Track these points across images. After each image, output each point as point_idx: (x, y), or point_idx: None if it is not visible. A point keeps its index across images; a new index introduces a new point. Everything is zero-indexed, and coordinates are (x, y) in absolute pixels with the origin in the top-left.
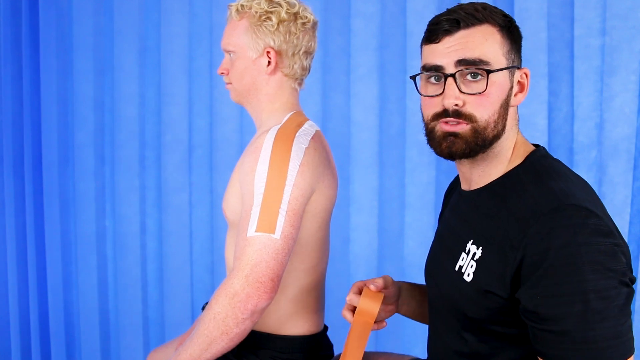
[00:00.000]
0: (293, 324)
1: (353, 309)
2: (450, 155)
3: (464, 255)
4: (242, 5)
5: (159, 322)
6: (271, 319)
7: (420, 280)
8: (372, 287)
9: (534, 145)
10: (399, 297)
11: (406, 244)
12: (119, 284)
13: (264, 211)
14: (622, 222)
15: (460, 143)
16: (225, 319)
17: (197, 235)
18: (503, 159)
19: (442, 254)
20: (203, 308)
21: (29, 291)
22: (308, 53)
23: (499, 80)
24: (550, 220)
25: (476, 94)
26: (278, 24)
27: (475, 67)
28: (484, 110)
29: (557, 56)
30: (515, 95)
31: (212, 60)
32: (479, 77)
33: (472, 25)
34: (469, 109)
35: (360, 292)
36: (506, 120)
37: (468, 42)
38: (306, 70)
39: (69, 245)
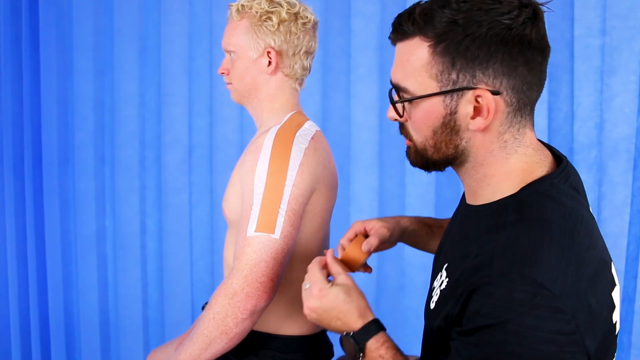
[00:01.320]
0: (293, 323)
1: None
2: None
3: (440, 275)
4: (242, 5)
5: (159, 322)
6: (271, 319)
7: (421, 283)
8: (364, 247)
9: (557, 155)
10: (400, 238)
11: (406, 245)
12: (119, 284)
13: (263, 211)
14: (622, 222)
15: (411, 156)
16: (224, 319)
17: (197, 235)
18: (491, 184)
19: (437, 256)
20: (203, 308)
21: (29, 291)
22: (308, 53)
23: (425, 107)
24: (493, 285)
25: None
26: (278, 24)
27: (396, 91)
28: (415, 134)
29: (557, 56)
30: (472, 118)
31: (212, 60)
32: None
33: (403, 38)
34: (407, 127)
35: (355, 236)
36: (464, 145)
37: (398, 60)
38: (307, 70)
39: (69, 245)
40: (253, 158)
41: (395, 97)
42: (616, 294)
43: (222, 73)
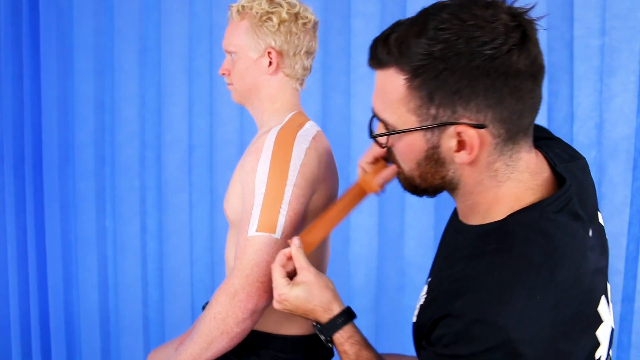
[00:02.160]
0: (293, 323)
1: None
2: None
3: (423, 289)
4: (243, 6)
5: (159, 322)
6: (271, 318)
7: (421, 283)
8: (378, 180)
9: (561, 176)
10: None
11: (406, 244)
12: (119, 284)
13: (264, 211)
14: (621, 222)
15: (401, 182)
16: (225, 319)
17: (197, 235)
18: (481, 211)
19: (434, 263)
20: (203, 308)
21: (29, 291)
22: (309, 53)
23: (406, 140)
24: (457, 319)
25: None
26: (279, 25)
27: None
28: (401, 163)
29: (557, 56)
30: (456, 152)
31: (212, 60)
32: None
33: (379, 67)
34: (394, 155)
35: (375, 161)
36: (451, 175)
37: (376, 89)
38: (307, 70)
39: (69, 245)
40: (254, 158)
41: (378, 126)
42: (602, 332)
43: (223, 74)
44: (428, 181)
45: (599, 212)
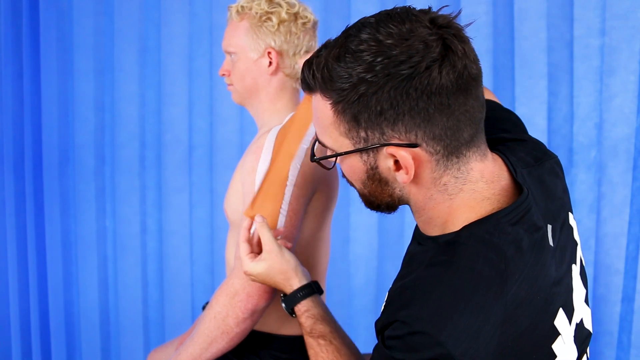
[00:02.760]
0: (294, 324)
1: None
2: None
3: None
4: (242, 7)
5: (159, 322)
6: (272, 318)
7: None
8: None
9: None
10: None
11: (406, 244)
12: (119, 284)
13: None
14: (621, 222)
15: (361, 199)
16: (225, 319)
17: (197, 235)
18: (437, 224)
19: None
20: (203, 308)
21: (29, 291)
22: (309, 53)
23: (346, 162)
24: (403, 326)
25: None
26: (278, 25)
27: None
28: (352, 182)
29: (556, 56)
30: (396, 171)
31: (212, 60)
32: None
33: (309, 91)
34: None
35: None
36: (398, 193)
37: (313, 113)
38: None
39: (69, 245)
40: (254, 158)
41: (320, 149)
42: (559, 345)
43: (223, 74)
44: (379, 199)
45: (570, 213)
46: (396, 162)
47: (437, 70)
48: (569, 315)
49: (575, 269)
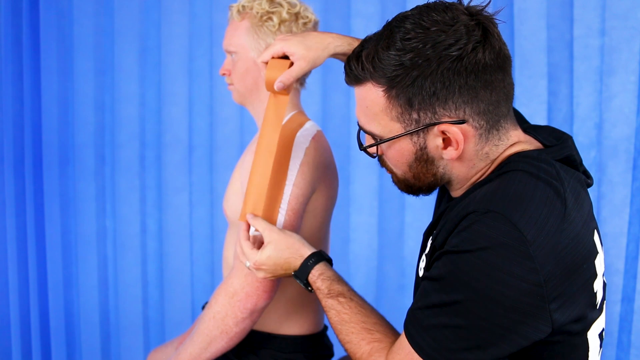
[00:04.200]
0: (293, 323)
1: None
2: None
3: (426, 247)
4: (243, 6)
5: (159, 322)
6: (271, 318)
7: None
8: (277, 85)
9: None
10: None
11: (406, 244)
12: (119, 284)
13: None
14: (621, 222)
15: (396, 184)
16: (224, 318)
17: (197, 235)
18: (471, 183)
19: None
20: (203, 308)
21: (29, 291)
22: None
23: (395, 147)
24: (467, 220)
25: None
26: (279, 24)
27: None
28: (394, 168)
29: (556, 56)
30: (444, 149)
31: (212, 60)
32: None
33: (356, 83)
34: (385, 161)
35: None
36: (442, 171)
37: (358, 104)
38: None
39: (69, 245)
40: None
41: (366, 138)
42: (599, 263)
43: (224, 74)
44: (422, 180)
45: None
46: (444, 139)
47: (481, 51)
48: (601, 241)
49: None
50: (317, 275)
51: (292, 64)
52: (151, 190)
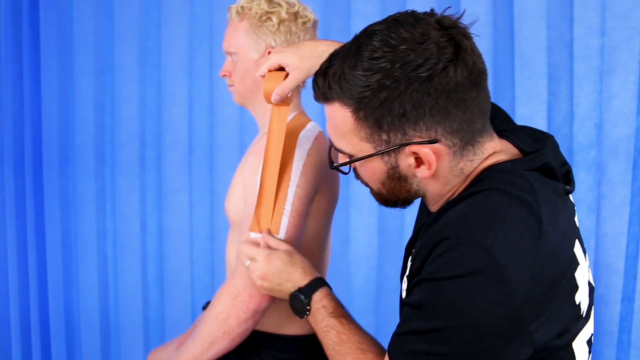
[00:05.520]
0: (294, 323)
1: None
2: None
3: (408, 265)
4: (242, 7)
5: (159, 322)
6: (272, 318)
7: None
8: (274, 98)
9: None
10: None
11: (406, 244)
12: (119, 284)
13: None
14: (621, 222)
15: (374, 197)
16: (227, 319)
17: (197, 235)
18: (447, 198)
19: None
20: (204, 308)
21: (29, 291)
22: None
23: (366, 166)
24: (441, 246)
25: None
26: (278, 24)
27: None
28: (369, 183)
29: (556, 56)
30: (417, 167)
31: (212, 60)
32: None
33: (325, 101)
34: (360, 175)
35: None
36: (415, 187)
37: (328, 122)
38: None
39: (69, 245)
40: (256, 159)
41: (339, 156)
42: (579, 274)
43: (224, 75)
44: (396, 195)
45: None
46: (417, 159)
47: (453, 70)
48: (583, 251)
49: (576, 221)
50: (324, 295)
51: (287, 75)
52: (151, 190)
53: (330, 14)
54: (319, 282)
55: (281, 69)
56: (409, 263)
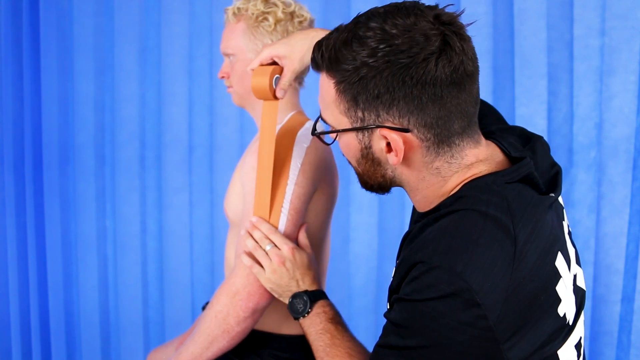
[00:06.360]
0: (294, 323)
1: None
2: None
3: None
4: (238, 8)
5: (159, 322)
6: (272, 318)
7: None
8: (279, 93)
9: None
10: None
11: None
12: (119, 284)
13: None
14: (621, 222)
15: (359, 180)
16: (226, 318)
17: (197, 235)
18: (433, 202)
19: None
20: (203, 308)
21: (29, 291)
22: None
23: (344, 140)
24: (416, 270)
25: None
26: (275, 24)
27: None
28: (347, 158)
29: (556, 56)
30: (387, 153)
31: (212, 60)
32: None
33: (317, 70)
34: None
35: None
36: (390, 174)
37: (319, 92)
38: (306, 69)
39: (69, 245)
40: (254, 158)
41: (322, 126)
42: (561, 287)
43: (223, 77)
44: (372, 179)
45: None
46: (388, 144)
47: (433, 63)
48: (567, 261)
49: (565, 225)
50: (327, 304)
51: (275, 68)
52: (151, 190)
53: (330, 14)
54: (324, 294)
55: (274, 63)
56: (393, 272)
